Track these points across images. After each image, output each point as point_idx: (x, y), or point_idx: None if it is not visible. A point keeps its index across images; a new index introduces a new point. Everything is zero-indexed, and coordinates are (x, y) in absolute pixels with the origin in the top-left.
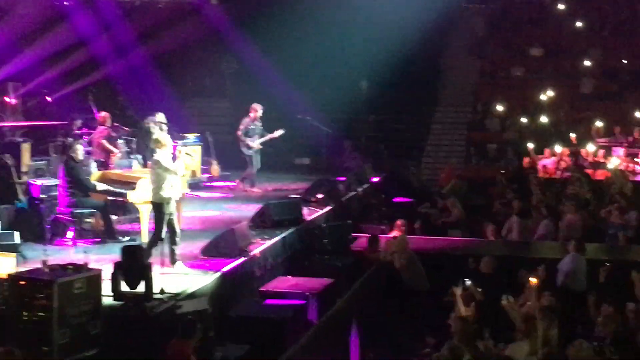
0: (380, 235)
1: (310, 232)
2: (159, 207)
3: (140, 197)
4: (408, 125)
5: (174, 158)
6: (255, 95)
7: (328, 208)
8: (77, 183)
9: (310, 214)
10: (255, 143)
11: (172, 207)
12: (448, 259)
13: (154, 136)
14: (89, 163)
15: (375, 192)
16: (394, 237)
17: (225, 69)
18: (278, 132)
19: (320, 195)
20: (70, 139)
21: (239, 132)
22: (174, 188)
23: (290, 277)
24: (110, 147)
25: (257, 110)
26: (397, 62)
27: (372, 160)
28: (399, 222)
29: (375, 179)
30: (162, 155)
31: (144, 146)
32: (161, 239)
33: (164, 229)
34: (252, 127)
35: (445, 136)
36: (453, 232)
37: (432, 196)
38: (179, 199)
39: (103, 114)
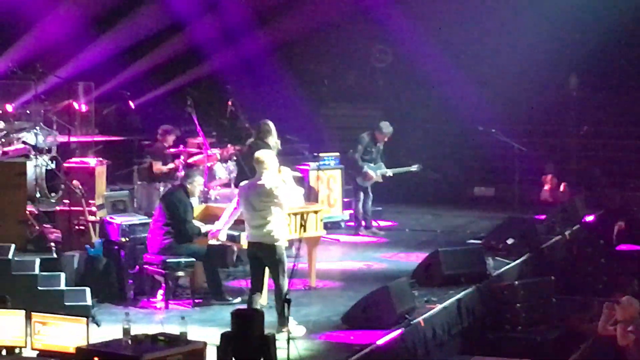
0: (598, 298)
1: (497, 292)
2: (276, 252)
3: None
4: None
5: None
6: (417, 98)
7: (522, 259)
8: (182, 225)
9: (497, 267)
10: (378, 174)
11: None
12: None
13: (256, 154)
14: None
15: (591, 237)
16: (618, 301)
17: (377, 63)
18: (415, 167)
19: (510, 241)
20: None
21: (357, 156)
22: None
23: (469, 356)
24: None
25: (384, 130)
26: (625, 48)
27: (586, 190)
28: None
29: (590, 218)
30: (272, 179)
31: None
32: (288, 300)
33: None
34: (368, 150)
35: None
36: None
37: None
38: (312, 245)
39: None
